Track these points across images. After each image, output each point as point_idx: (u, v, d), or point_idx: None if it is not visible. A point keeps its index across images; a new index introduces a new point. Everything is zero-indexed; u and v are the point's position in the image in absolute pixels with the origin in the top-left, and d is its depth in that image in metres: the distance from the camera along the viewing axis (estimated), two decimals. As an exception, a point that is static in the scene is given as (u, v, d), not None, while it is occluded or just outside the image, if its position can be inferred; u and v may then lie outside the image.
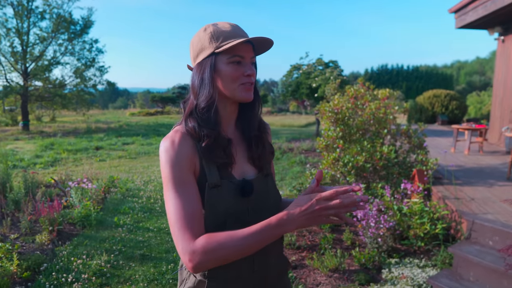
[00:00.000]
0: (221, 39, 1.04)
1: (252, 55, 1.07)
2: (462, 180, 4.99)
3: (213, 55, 1.05)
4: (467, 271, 3.02)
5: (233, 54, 1.04)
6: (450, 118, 14.67)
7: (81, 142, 12.50)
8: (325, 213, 0.91)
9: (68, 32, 18.56)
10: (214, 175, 1.04)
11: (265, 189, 1.13)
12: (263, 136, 1.17)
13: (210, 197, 1.03)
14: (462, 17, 8.76)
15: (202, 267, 0.93)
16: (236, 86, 1.05)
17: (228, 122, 1.13)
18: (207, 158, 1.04)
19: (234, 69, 1.04)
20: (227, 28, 1.06)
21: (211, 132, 1.04)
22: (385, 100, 5.36)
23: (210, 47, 1.05)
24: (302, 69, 14.83)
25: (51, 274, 3.19)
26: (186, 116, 1.08)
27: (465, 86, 42.64)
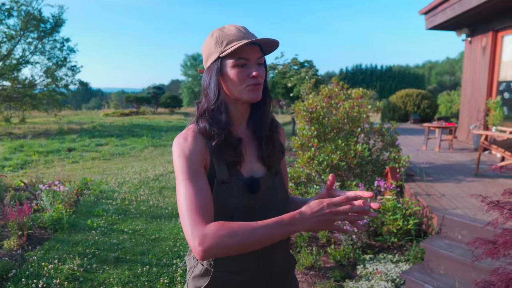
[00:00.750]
0: (225, 43, 1.07)
1: (258, 56, 1.09)
2: (433, 177, 5.14)
3: (218, 59, 1.09)
4: (437, 264, 3.12)
5: (238, 57, 1.07)
6: (422, 116, 15.08)
7: (53, 143, 12.14)
8: (335, 218, 0.94)
9: (37, 31, 17.97)
10: (223, 171, 1.09)
11: (273, 187, 1.17)
12: (274, 135, 1.21)
13: (219, 192, 1.08)
14: (431, 18, 9.03)
15: (211, 252, 0.92)
16: (243, 88, 1.09)
17: (239, 122, 1.17)
18: (217, 156, 1.10)
19: (239, 72, 1.07)
20: (232, 31, 1.09)
21: (221, 132, 1.09)
22: (358, 99, 5.45)
23: (216, 51, 1.09)
24: (277, 68, 14.90)
25: (20, 281, 3.08)
26: (198, 116, 1.14)
27: (436, 85, 43.92)
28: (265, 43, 1.10)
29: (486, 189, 4.40)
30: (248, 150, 1.16)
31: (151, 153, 10.83)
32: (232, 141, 1.11)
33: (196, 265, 1.18)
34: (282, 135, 1.29)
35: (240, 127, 1.18)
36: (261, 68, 1.11)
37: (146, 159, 9.86)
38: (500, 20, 7.26)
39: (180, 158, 1.06)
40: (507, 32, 7.19)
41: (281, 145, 1.25)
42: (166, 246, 3.99)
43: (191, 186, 1.02)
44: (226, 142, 1.10)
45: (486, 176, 5.13)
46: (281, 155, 1.24)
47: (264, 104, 1.18)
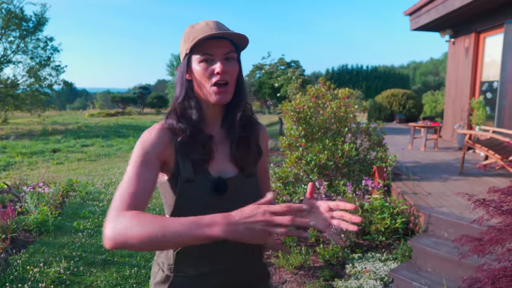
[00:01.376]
0: (191, 39, 1.04)
1: (226, 51, 1.05)
2: (419, 176, 5.22)
3: (186, 55, 1.07)
4: (425, 262, 3.16)
5: (203, 52, 1.04)
6: (408, 116, 15.29)
7: (37, 144, 11.92)
8: (270, 229, 0.78)
9: (19, 29, 17.65)
10: (187, 169, 1.06)
11: (244, 189, 1.12)
12: (249, 136, 1.16)
13: (183, 191, 1.05)
14: (416, 19, 9.15)
15: (114, 237, 0.83)
16: (208, 87, 1.05)
17: (213, 121, 1.14)
18: (181, 153, 1.06)
19: (203, 68, 1.04)
20: (200, 27, 1.05)
21: (187, 128, 1.06)
22: (345, 99, 5.50)
23: (184, 48, 1.07)
24: (264, 69, 14.92)
25: (4, 285, 3.01)
26: (168, 113, 1.11)
27: (420, 85, 44.60)
28: (234, 38, 1.06)
29: (471, 187, 4.49)
30: (220, 150, 1.12)
31: (138, 154, 10.72)
32: (201, 138, 1.07)
33: (157, 271, 1.15)
34: (263, 137, 1.24)
35: (214, 126, 1.14)
36: (230, 63, 1.06)
37: (133, 160, 9.76)
38: (482, 21, 7.40)
39: (137, 148, 1.03)
40: (489, 33, 7.35)
41: (258, 146, 1.20)
42: (155, 247, 3.95)
43: (134, 173, 0.97)
44: (193, 139, 1.06)
45: (471, 175, 5.22)
46: (257, 157, 1.19)
47: (237, 104, 1.13)
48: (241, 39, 1.06)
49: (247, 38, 1.07)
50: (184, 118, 1.08)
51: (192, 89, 1.10)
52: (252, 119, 1.18)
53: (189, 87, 1.09)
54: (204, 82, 1.05)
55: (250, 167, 1.16)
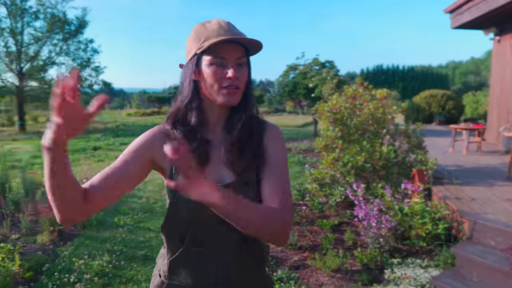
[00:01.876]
0: (203, 39, 1.01)
1: (238, 56, 1.02)
2: (462, 180, 5.02)
3: (195, 55, 1.03)
4: (470, 271, 3.04)
5: (215, 55, 1.00)
6: (447, 118, 14.75)
7: (79, 142, 12.44)
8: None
9: (62, 32, 18.47)
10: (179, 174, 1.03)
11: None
12: (249, 139, 1.07)
13: (175, 197, 1.04)
14: (457, 17, 8.82)
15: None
16: (218, 89, 1.02)
17: (215, 124, 1.10)
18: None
19: (214, 71, 1.01)
20: (213, 27, 1.02)
21: (181, 135, 1.05)
22: (383, 100, 5.37)
23: (194, 47, 1.03)
24: (298, 69, 14.85)
25: (53, 275, 3.17)
26: (167, 116, 1.10)
27: (460, 86, 42.91)
28: (247, 43, 1.02)
29: (518, 193, 4.27)
30: (218, 155, 1.07)
31: (173, 153, 10.96)
32: (195, 142, 1.04)
33: (155, 275, 1.16)
34: (270, 137, 1.11)
35: (216, 129, 1.10)
36: (241, 69, 1.03)
37: (169, 158, 9.98)
38: (532, 19, 7.03)
39: (130, 144, 1.09)
40: (540, 31, 6.97)
41: (255, 150, 1.08)
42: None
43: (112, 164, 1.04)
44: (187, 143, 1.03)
45: (518, 180, 4.97)
46: (253, 162, 1.06)
47: (243, 108, 1.08)
48: (255, 45, 1.03)
49: (261, 45, 1.04)
50: (182, 123, 1.06)
51: (198, 91, 1.06)
52: (261, 124, 1.12)
53: (196, 88, 1.06)
54: (214, 84, 1.02)
55: (247, 173, 1.06)
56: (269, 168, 1.06)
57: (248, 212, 0.91)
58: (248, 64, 1.07)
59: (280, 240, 1.00)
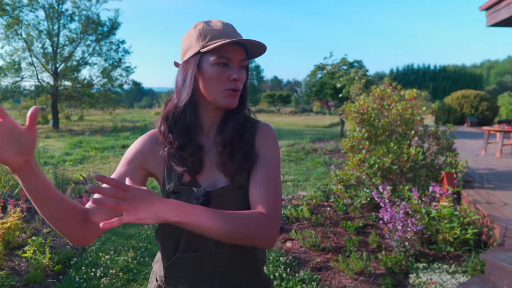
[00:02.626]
0: (208, 37, 0.98)
1: (241, 58, 1.00)
2: (494, 184, 4.83)
3: (198, 54, 0.99)
4: (500, 279, 2.91)
5: (220, 55, 0.97)
6: (480, 119, 14.23)
7: (108, 140, 12.81)
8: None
9: (95, 33, 19.09)
10: (173, 181, 1.02)
11: (231, 202, 1.01)
12: (240, 140, 1.05)
13: None
14: (493, 14, 8.47)
15: None
16: (219, 91, 0.99)
17: (210, 126, 1.07)
18: (168, 164, 1.03)
19: (219, 72, 0.98)
20: (218, 26, 0.99)
21: (176, 141, 1.02)
22: (412, 100, 5.24)
23: (197, 45, 0.99)
24: (326, 69, 14.73)
25: (80, 268, 3.28)
26: (162, 117, 1.06)
27: (496, 86, 41.25)
28: (251, 45, 1.00)
29: (555, 199, 4.07)
30: (212, 159, 1.05)
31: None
32: (189, 149, 1.02)
33: (152, 280, 1.15)
34: (262, 137, 1.08)
35: (210, 132, 1.07)
36: (242, 71, 1.01)
37: (195, 157, 10.13)
38: None
39: (125, 153, 1.08)
40: None
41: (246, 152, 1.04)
42: (215, 243, 4.06)
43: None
44: (181, 150, 1.01)
45: (555, 185, 4.74)
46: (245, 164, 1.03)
47: (237, 111, 1.06)
48: (259, 48, 1.01)
49: (265, 49, 1.01)
50: (176, 125, 1.03)
51: (196, 91, 1.02)
52: (249, 121, 1.10)
53: (195, 88, 1.02)
54: (216, 85, 0.99)
55: (240, 175, 1.03)
56: (259, 169, 1.02)
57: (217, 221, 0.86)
58: (247, 68, 1.06)
59: (263, 247, 0.97)
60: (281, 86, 78.80)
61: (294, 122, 21.32)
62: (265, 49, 1.01)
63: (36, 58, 18.00)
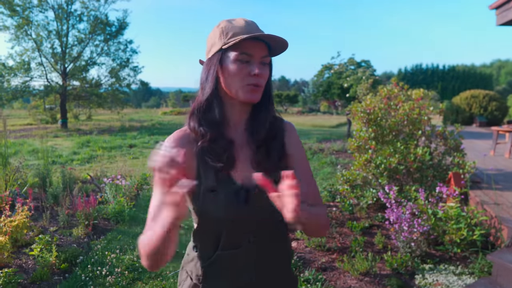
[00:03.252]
0: (230, 34, 1.00)
1: (263, 55, 1.02)
2: (502, 185, 4.77)
3: (221, 51, 1.02)
4: (508, 281, 2.88)
5: (241, 51, 0.99)
6: (489, 119, 14.07)
7: (116, 140, 12.89)
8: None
9: (104, 34, 19.21)
10: (210, 178, 1.02)
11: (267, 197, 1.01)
12: (270, 140, 1.09)
13: (205, 201, 1.01)
14: (504, 13, 8.36)
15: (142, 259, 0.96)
16: (241, 86, 1.01)
17: (236, 123, 1.09)
18: (202, 160, 1.02)
19: (240, 67, 1.00)
20: (240, 24, 1.02)
21: (208, 132, 1.03)
22: (419, 100, 5.20)
23: (219, 42, 1.02)
24: (333, 68, 14.67)
25: (86, 267, 3.30)
26: (189, 114, 1.08)
27: (506, 86, 40.72)
28: (273, 41, 1.02)
29: None
30: (244, 155, 1.06)
31: (206, 151, 11.12)
32: (222, 143, 1.03)
33: (185, 279, 1.12)
34: (290, 136, 1.14)
35: (238, 129, 1.09)
36: (265, 68, 1.03)
37: (201, 157, 10.14)
38: None
39: None
40: None
41: (280, 150, 1.10)
42: (220, 243, 4.07)
43: (155, 194, 1.00)
44: (214, 144, 1.02)
45: None
46: (278, 163, 1.08)
47: (264, 107, 1.08)
48: (281, 44, 1.03)
49: (287, 45, 1.03)
50: (206, 119, 1.04)
51: (218, 88, 1.05)
52: (280, 123, 1.14)
53: (218, 84, 1.05)
54: (237, 81, 1.01)
55: (275, 174, 1.05)
56: (297, 166, 1.11)
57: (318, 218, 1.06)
58: (270, 65, 1.07)
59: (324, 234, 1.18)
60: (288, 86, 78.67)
61: (301, 122, 21.27)
62: (287, 45, 1.03)
63: (45, 58, 18.17)
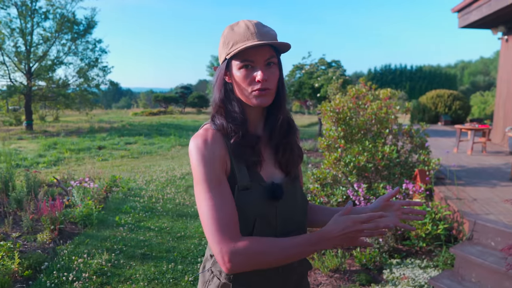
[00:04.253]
0: (231, 44, 1.02)
1: (267, 57, 1.02)
2: (464, 181, 4.97)
3: (225, 60, 1.05)
4: (469, 272, 3.00)
5: (243, 58, 1.02)
6: (453, 118, 14.62)
7: (84, 141, 12.53)
8: (360, 235, 0.97)
9: (71, 32, 18.60)
10: (244, 176, 1.04)
11: (293, 193, 1.12)
12: (291, 140, 1.15)
13: (240, 199, 1.02)
14: (465, 16, 8.72)
15: (240, 268, 0.95)
16: (249, 92, 1.03)
17: (255, 125, 1.12)
18: (237, 156, 1.04)
19: (244, 75, 1.02)
20: (240, 30, 1.03)
21: (238, 128, 1.04)
22: (387, 100, 5.34)
23: (223, 52, 1.05)
24: (304, 69, 14.81)
25: (52, 273, 3.20)
26: (213, 114, 1.09)
27: (469, 86, 42.44)
28: (274, 45, 1.04)
29: (522, 194, 4.21)
30: (265, 154, 1.10)
31: (178, 152, 11.00)
32: (250, 139, 1.05)
33: (211, 279, 1.12)
34: (298, 139, 1.24)
35: (257, 129, 1.12)
36: (271, 69, 1.04)
37: (173, 158, 10.02)
38: (539, 17, 6.93)
39: (201, 164, 0.99)
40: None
41: (299, 149, 1.19)
42: (191, 244, 4.04)
43: (215, 198, 0.97)
44: (244, 140, 1.04)
45: (522, 181, 4.91)
46: (299, 160, 1.18)
47: (278, 107, 1.10)
48: (284, 46, 1.05)
49: (289, 46, 1.05)
50: (231, 118, 1.06)
51: (232, 91, 1.08)
52: (292, 122, 1.18)
53: (229, 89, 1.08)
54: (245, 88, 1.03)
55: (294, 170, 1.16)
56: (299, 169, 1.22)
57: None
58: (279, 63, 1.08)
59: None
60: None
61: (274, 122, 21.35)
62: (289, 46, 1.05)
63: (8, 57, 17.40)
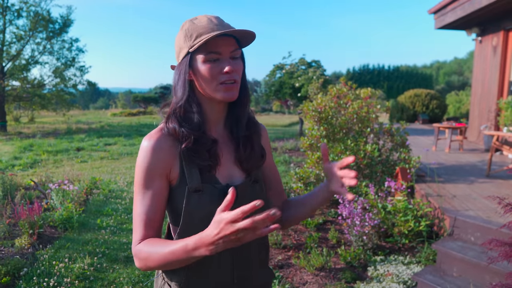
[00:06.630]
0: (194, 36, 0.98)
1: (232, 49, 0.99)
2: (443, 178, 5.09)
3: (188, 54, 1.00)
4: (450, 266, 3.08)
5: (208, 51, 0.97)
6: (431, 117, 14.98)
7: (62, 143, 12.22)
8: (239, 236, 0.81)
9: (46, 31, 18.10)
10: (195, 178, 1.00)
11: (252, 196, 1.04)
12: (252, 136, 1.11)
13: (190, 202, 1.00)
14: (441, 18, 8.94)
15: (142, 269, 0.98)
16: (215, 85, 0.99)
17: (216, 122, 1.08)
18: (188, 160, 1.01)
19: (210, 68, 0.98)
20: (203, 23, 0.99)
21: (190, 133, 1.01)
22: (367, 99, 5.42)
23: (186, 46, 1.00)
24: (285, 68, 14.86)
25: (31, 279, 3.10)
26: (167, 116, 1.05)
27: (444, 85, 43.55)
28: (240, 34, 1.00)
29: (498, 190, 4.35)
30: (225, 153, 1.07)
31: (159, 153, 10.85)
32: (205, 142, 1.02)
33: (163, 285, 1.10)
34: (264, 138, 1.19)
35: (217, 127, 1.09)
36: (237, 62, 1.01)
37: (154, 158, 9.88)
38: (511, 19, 7.17)
39: (139, 167, 1.00)
40: (519, 31, 7.11)
41: (262, 148, 1.14)
42: (176, 246, 3.99)
43: (142, 199, 1.00)
44: (198, 145, 1.01)
45: (498, 177, 5.06)
46: (261, 159, 1.13)
47: (241, 102, 1.08)
48: (248, 36, 1.01)
49: (254, 36, 1.01)
50: (186, 121, 1.02)
51: (193, 90, 1.04)
52: (254, 118, 1.15)
53: (191, 88, 1.04)
54: (211, 81, 0.99)
55: (255, 171, 1.11)
56: (270, 167, 1.23)
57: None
58: (242, 57, 1.05)
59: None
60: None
61: (255, 122, 21.37)
62: (254, 36, 1.02)
63: (-20, 56, 16.84)
